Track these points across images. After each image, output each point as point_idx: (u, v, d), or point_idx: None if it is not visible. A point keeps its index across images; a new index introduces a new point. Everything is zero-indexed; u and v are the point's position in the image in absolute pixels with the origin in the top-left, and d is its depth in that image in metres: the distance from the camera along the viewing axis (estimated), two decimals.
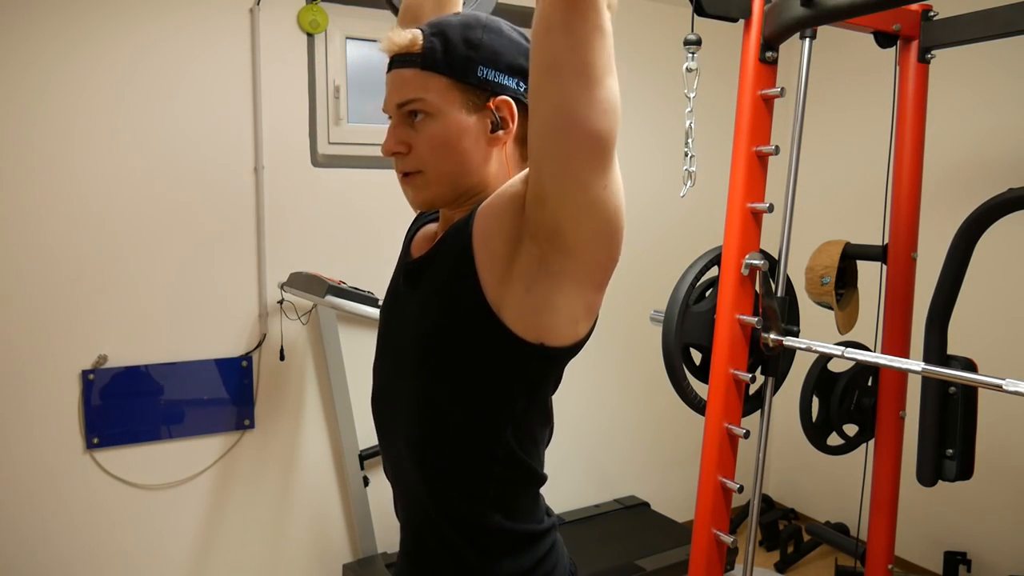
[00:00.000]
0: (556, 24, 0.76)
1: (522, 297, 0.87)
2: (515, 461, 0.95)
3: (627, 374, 3.42)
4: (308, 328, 2.72)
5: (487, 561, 0.96)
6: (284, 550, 2.76)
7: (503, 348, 0.89)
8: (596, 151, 0.80)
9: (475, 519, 0.95)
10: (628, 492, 3.46)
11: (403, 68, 0.95)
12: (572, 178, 0.80)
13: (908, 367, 1.80)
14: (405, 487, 1.03)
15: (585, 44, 0.77)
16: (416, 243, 1.08)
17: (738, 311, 1.95)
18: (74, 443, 2.39)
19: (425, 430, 0.96)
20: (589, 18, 0.76)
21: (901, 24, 2.08)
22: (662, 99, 3.30)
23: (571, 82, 0.78)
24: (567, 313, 0.89)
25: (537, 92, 0.81)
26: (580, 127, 0.78)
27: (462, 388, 0.92)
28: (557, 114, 0.79)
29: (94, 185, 2.35)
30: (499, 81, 0.94)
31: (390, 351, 1.06)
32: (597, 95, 0.78)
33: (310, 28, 2.61)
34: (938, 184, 2.78)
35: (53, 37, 2.25)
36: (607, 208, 0.83)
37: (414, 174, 0.97)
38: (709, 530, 1.97)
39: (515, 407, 0.94)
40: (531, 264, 0.86)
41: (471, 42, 0.93)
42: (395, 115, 0.97)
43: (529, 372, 0.92)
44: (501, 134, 0.95)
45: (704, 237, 2.43)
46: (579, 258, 0.85)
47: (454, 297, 0.90)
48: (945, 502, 2.96)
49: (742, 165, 1.93)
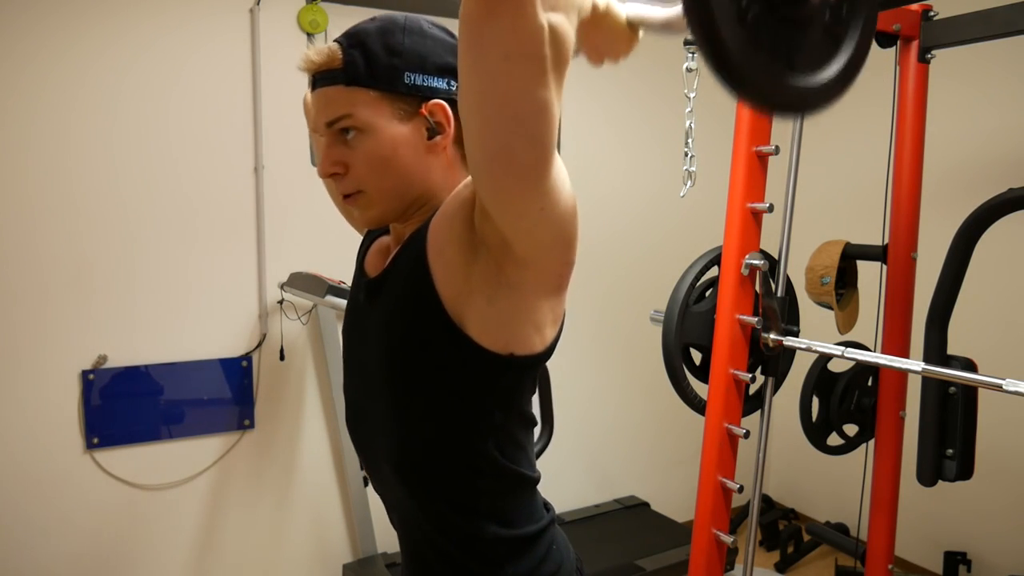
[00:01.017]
0: (473, 47, 0.69)
1: (485, 310, 0.83)
2: (502, 472, 0.92)
3: (627, 374, 3.42)
4: (308, 328, 2.72)
5: (489, 568, 0.94)
6: (284, 550, 2.76)
7: (471, 362, 0.85)
8: (526, 182, 0.74)
9: (470, 531, 0.93)
10: (628, 492, 3.46)
11: (327, 86, 0.90)
12: (507, 206, 0.77)
13: (908, 367, 1.80)
14: (396, 503, 1.01)
15: (501, 75, 0.68)
16: (370, 259, 1.04)
17: (738, 311, 1.95)
18: (74, 443, 2.39)
19: (404, 450, 0.93)
20: (502, 39, 0.67)
21: (901, 24, 2.08)
22: (662, 99, 3.30)
23: (492, 117, 0.71)
24: (531, 321, 0.86)
25: (464, 117, 0.75)
26: (507, 161, 0.73)
27: (434, 406, 0.89)
28: (478, 150, 0.74)
29: (94, 185, 2.35)
30: (428, 85, 0.89)
31: (357, 370, 1.02)
32: (522, 129, 0.71)
33: (310, 28, 2.61)
34: (938, 184, 2.78)
35: (51, 36, 2.25)
36: (551, 223, 0.79)
37: (355, 195, 0.92)
38: (709, 530, 1.97)
39: (493, 419, 0.90)
40: (488, 274, 0.83)
41: (393, 48, 0.89)
42: (326, 135, 0.92)
43: (501, 383, 0.89)
44: (439, 139, 0.91)
45: (704, 237, 2.43)
46: (534, 268, 0.82)
47: (415, 314, 0.86)
48: (945, 502, 2.96)
49: (742, 165, 1.94)
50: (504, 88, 0.69)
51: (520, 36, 0.67)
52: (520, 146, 0.72)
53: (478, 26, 0.67)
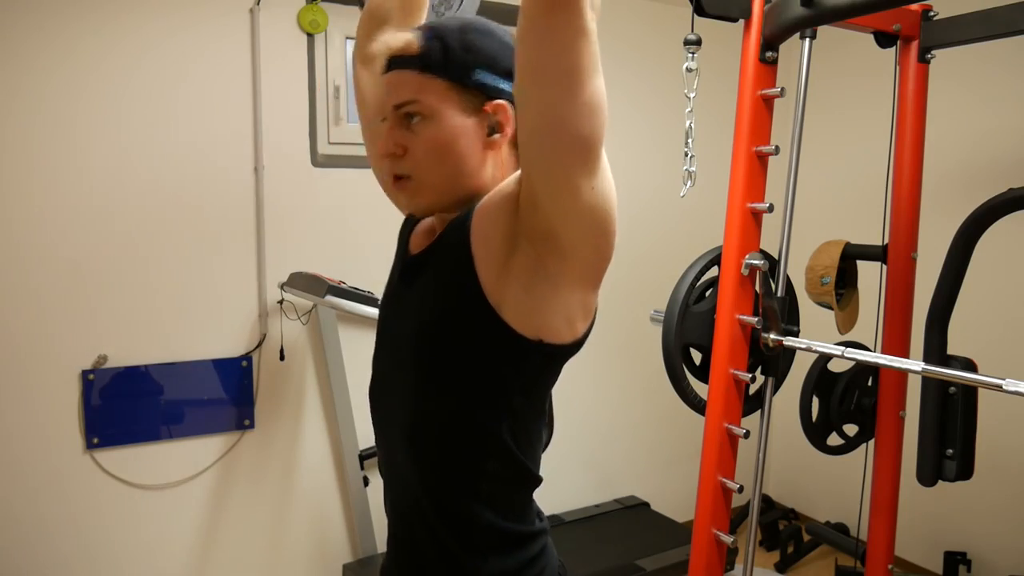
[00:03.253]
0: (538, 28, 0.76)
1: (521, 297, 0.88)
2: (510, 458, 0.95)
3: (627, 374, 3.42)
4: (308, 328, 2.72)
5: (474, 557, 0.96)
6: (284, 550, 2.76)
7: (501, 342, 0.90)
8: (583, 154, 0.80)
9: (466, 514, 0.96)
10: (628, 492, 3.46)
11: (401, 69, 0.94)
12: (561, 181, 0.81)
13: (908, 367, 1.80)
14: (398, 478, 1.04)
15: (568, 48, 0.76)
16: (415, 238, 1.08)
17: (738, 311, 1.95)
18: (74, 443, 2.39)
19: (422, 420, 0.96)
20: (572, 22, 0.75)
21: (901, 24, 2.08)
22: (662, 99, 3.30)
23: (555, 87, 0.77)
24: (564, 313, 0.91)
25: (522, 97, 0.81)
26: (565, 131, 0.79)
27: (459, 379, 0.93)
28: (542, 119, 0.79)
29: (94, 185, 2.35)
30: (495, 85, 0.94)
31: (388, 343, 1.06)
32: (581, 99, 0.78)
33: (310, 28, 2.61)
34: (938, 184, 2.78)
35: (53, 37, 2.25)
36: (598, 210, 0.84)
37: (405, 179, 0.96)
38: (709, 530, 1.98)
39: (512, 401, 0.94)
40: (528, 265, 0.87)
41: (468, 45, 0.93)
42: (391, 117, 0.96)
43: (526, 367, 0.93)
44: (497, 138, 0.95)
45: (704, 237, 2.43)
46: (573, 259, 0.87)
47: (454, 293, 0.91)
48: (945, 502, 2.96)
49: (742, 165, 1.94)
50: (575, 61, 0.76)
51: (580, 15, 0.74)
52: (583, 115, 0.78)
53: (548, 10, 0.74)
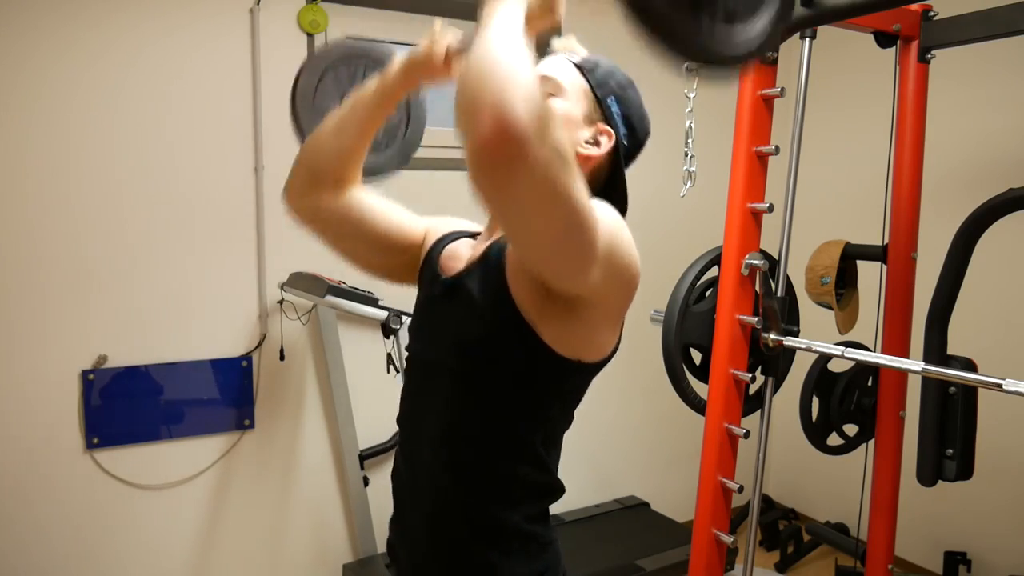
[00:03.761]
0: (495, 203, 0.78)
1: (559, 330, 0.95)
2: (542, 467, 1.03)
3: (627, 374, 3.41)
4: (308, 328, 2.72)
5: (505, 559, 1.00)
6: (284, 550, 2.76)
7: (543, 361, 0.96)
8: (581, 264, 0.85)
9: (497, 518, 1.00)
10: (628, 492, 3.46)
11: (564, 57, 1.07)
12: (568, 285, 0.89)
13: (908, 367, 1.81)
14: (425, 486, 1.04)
15: (537, 212, 0.77)
16: (445, 261, 1.09)
17: (738, 311, 1.95)
18: (74, 443, 2.39)
19: (457, 427, 1.00)
20: (530, 185, 0.73)
21: (901, 24, 2.08)
22: (662, 99, 3.29)
23: (535, 247, 0.83)
24: (600, 339, 0.99)
25: (515, 235, 0.84)
26: (556, 263, 0.85)
27: (501, 390, 0.98)
28: (530, 261, 0.88)
29: (93, 185, 2.35)
30: (616, 118, 1.05)
31: (426, 355, 1.09)
32: (568, 241, 0.81)
33: (310, 28, 2.61)
34: (938, 184, 2.78)
35: (50, 35, 2.25)
36: (614, 277, 0.90)
37: None
38: (709, 530, 1.98)
39: (549, 412, 1.02)
40: (559, 311, 0.94)
41: (615, 77, 1.07)
42: None
43: (566, 384, 1.01)
44: (590, 150, 1.03)
45: (704, 237, 2.42)
46: (601, 306, 0.95)
47: (497, 316, 0.97)
48: (945, 502, 2.96)
49: (742, 165, 1.94)
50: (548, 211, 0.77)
51: (538, 180, 0.73)
52: (571, 248, 0.82)
53: (499, 193, 0.74)
